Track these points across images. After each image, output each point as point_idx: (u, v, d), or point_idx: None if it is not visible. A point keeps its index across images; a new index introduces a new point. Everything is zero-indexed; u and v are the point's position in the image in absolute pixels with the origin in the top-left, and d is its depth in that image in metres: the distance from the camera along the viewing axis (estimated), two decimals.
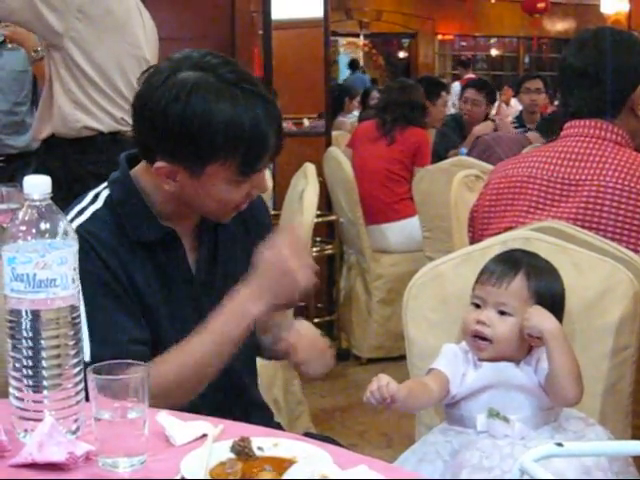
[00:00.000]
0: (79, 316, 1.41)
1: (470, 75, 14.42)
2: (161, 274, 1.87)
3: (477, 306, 2.07)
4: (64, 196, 1.73)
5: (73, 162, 3.56)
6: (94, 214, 1.84)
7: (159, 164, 1.80)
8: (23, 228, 1.36)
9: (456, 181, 3.79)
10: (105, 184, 1.91)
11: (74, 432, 1.40)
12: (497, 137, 5.25)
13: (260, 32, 7.17)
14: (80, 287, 1.43)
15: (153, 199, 1.88)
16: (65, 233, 1.38)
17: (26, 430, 1.39)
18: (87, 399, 1.38)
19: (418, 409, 2.21)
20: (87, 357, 1.65)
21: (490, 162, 4.26)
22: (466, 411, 2.05)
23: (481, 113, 6.25)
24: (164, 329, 1.86)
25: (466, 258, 2.27)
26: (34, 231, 1.36)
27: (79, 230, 1.68)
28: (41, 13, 3.45)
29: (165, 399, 1.61)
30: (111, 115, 3.62)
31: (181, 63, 1.79)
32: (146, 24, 3.79)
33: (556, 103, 7.15)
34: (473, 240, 2.66)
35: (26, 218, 1.37)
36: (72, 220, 1.81)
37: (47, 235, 1.36)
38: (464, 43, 22.71)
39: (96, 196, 1.89)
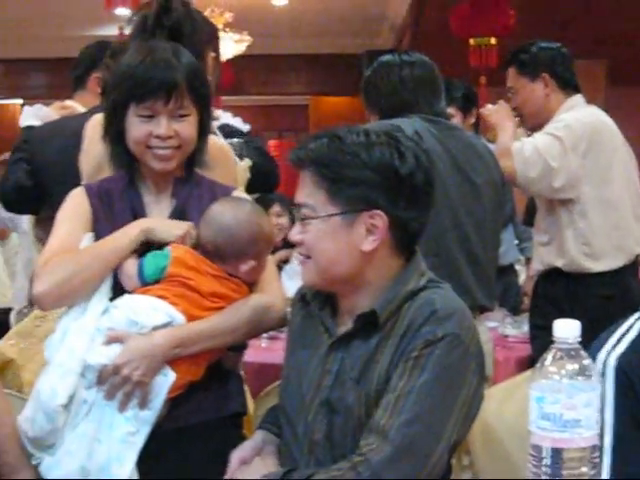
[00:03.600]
0: (599, 456, 1.44)
1: None
2: None
3: None
4: None
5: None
6: (633, 343, 1.85)
7: None
8: (553, 369, 1.41)
9: None
10: (637, 315, 1.92)
11: None
12: None
13: None
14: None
15: None
16: (591, 375, 1.41)
17: None
18: None
19: None
20: None
21: None
22: None
23: None
24: None
25: None
26: (563, 372, 1.40)
27: (619, 360, 1.77)
28: (552, 186, 3.49)
29: None
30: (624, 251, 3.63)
31: None
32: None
33: None
34: None
35: (556, 359, 1.42)
36: (610, 350, 1.84)
37: (574, 377, 1.40)
38: None
39: (629, 327, 1.90)
